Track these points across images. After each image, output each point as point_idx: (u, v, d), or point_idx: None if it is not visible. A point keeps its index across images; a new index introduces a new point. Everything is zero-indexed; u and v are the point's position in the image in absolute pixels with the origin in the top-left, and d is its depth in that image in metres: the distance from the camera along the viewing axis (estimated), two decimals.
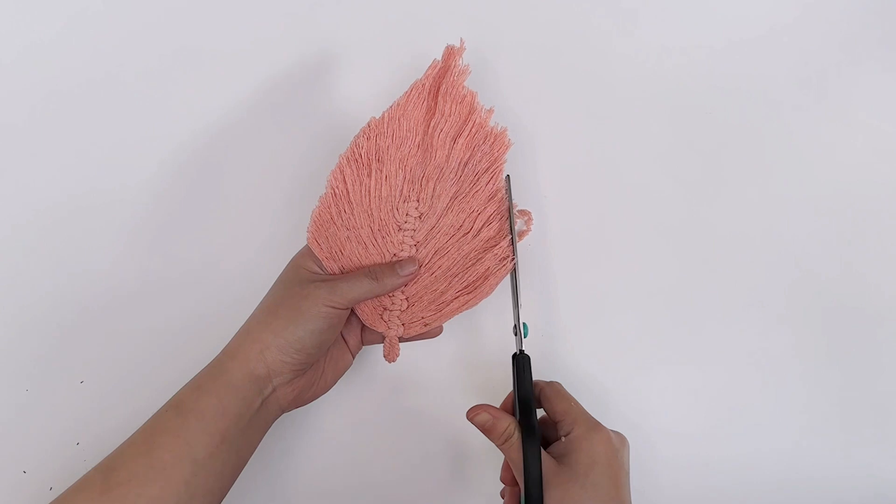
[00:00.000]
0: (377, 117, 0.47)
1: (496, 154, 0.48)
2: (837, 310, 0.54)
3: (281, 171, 0.55)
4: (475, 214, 0.47)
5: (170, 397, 0.43)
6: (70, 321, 0.53)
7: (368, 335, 0.49)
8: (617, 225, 0.55)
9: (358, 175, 0.47)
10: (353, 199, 0.47)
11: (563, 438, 0.42)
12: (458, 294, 0.47)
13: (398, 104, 0.48)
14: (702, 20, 0.58)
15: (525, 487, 0.40)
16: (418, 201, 0.48)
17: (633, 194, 0.55)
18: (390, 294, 0.47)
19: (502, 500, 0.47)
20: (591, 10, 0.58)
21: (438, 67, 0.48)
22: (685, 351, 0.53)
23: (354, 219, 0.47)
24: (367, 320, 0.48)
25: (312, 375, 0.45)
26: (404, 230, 0.47)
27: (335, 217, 0.47)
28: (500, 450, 0.43)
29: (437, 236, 0.47)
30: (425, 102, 0.48)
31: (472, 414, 0.43)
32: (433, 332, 0.48)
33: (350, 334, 0.49)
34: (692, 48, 0.58)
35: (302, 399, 0.45)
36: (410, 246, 0.47)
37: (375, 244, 0.47)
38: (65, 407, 0.51)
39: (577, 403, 0.44)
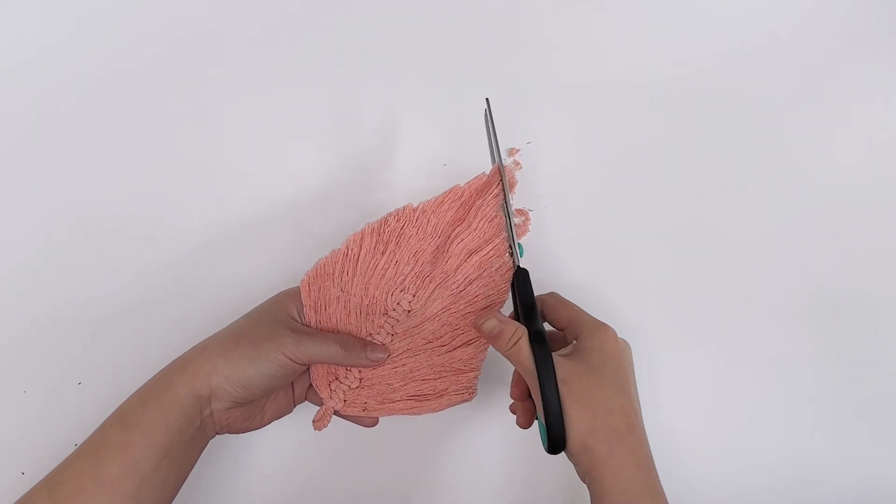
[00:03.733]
0: (414, 206, 0.48)
1: (502, 286, 0.48)
2: (846, 312, 0.54)
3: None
4: (458, 333, 0.48)
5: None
6: (68, 323, 0.52)
7: (312, 394, 0.49)
8: (616, 227, 0.55)
9: (374, 247, 0.48)
10: (359, 267, 0.48)
11: (573, 342, 0.43)
12: (407, 398, 0.48)
13: (435, 201, 0.48)
14: (701, 24, 0.58)
15: (540, 385, 0.40)
16: (413, 297, 0.48)
17: (632, 197, 0.55)
18: (349, 368, 0.48)
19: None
20: (592, 16, 0.58)
21: (483, 181, 0.49)
22: (688, 354, 0.53)
23: (352, 284, 0.48)
24: (314, 381, 0.48)
25: (251, 410, 0.46)
26: (389, 317, 0.48)
27: (335, 274, 0.48)
28: (508, 357, 0.43)
29: (415, 337, 0.48)
30: (458, 210, 0.49)
31: (481, 321, 0.44)
32: (368, 421, 0.48)
33: (299, 385, 0.49)
34: (692, 52, 0.58)
35: (235, 427, 0.46)
36: (388, 333, 0.48)
37: (358, 317, 0.48)
38: (63, 408, 0.51)
39: (579, 308, 0.45)
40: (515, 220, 0.53)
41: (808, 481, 0.52)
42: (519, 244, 0.47)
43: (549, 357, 0.40)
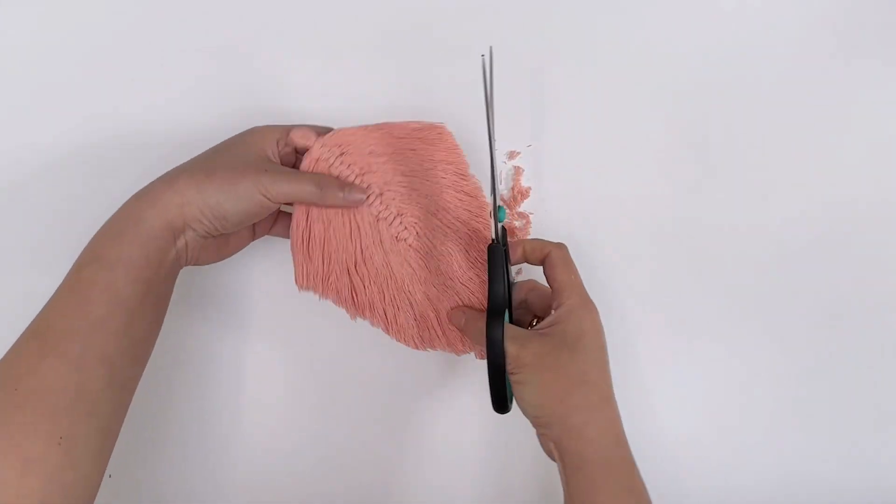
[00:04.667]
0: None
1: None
2: (852, 316, 0.55)
3: None
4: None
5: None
6: None
7: (278, 228, 0.49)
8: (619, 230, 0.55)
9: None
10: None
11: (553, 311, 0.44)
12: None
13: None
14: (700, 19, 0.57)
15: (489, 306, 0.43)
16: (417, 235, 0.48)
17: (635, 200, 0.54)
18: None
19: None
20: (595, 12, 0.57)
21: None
22: (694, 360, 0.54)
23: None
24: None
25: (219, 242, 0.45)
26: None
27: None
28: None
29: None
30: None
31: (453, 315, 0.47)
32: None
33: (261, 224, 0.48)
34: (692, 47, 0.56)
35: (203, 259, 0.45)
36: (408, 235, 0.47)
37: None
38: None
39: (577, 276, 0.45)
40: (515, 223, 0.53)
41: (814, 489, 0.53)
42: (501, 207, 0.45)
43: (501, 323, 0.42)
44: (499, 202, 0.44)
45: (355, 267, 0.47)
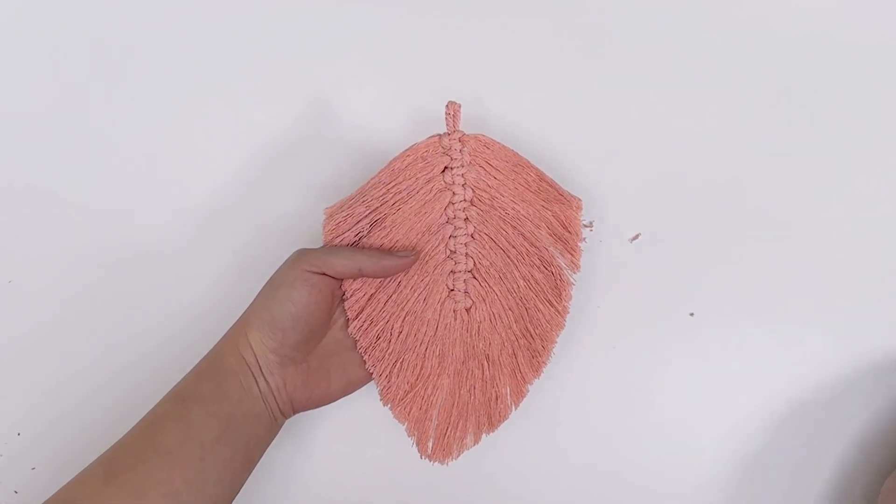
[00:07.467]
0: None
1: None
2: None
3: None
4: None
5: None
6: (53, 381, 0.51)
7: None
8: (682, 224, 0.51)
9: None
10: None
11: None
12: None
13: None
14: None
15: None
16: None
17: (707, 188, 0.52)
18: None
19: None
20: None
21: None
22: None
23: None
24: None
25: (308, 371, 0.42)
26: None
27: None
28: None
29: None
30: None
31: None
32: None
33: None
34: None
35: (301, 399, 0.42)
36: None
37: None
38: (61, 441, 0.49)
39: None
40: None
41: None
42: None
43: None
44: None
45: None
